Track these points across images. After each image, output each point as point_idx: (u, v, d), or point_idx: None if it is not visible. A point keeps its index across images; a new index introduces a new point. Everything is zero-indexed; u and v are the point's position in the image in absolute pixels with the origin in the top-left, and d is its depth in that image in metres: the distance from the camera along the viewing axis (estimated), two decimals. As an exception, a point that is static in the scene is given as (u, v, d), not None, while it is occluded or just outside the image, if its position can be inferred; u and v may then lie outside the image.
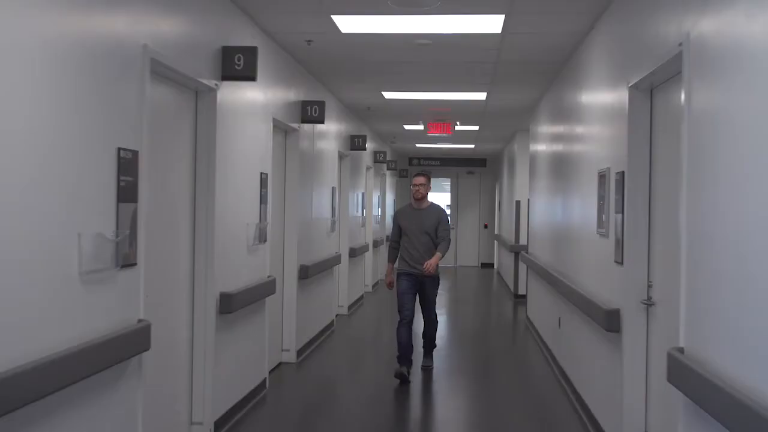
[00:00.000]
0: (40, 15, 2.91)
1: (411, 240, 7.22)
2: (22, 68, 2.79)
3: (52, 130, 3.01)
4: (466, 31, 6.09)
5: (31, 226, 2.87)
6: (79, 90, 3.22)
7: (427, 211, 7.31)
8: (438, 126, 11.97)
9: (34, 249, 2.89)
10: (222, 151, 5.11)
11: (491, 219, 20.57)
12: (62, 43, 3.07)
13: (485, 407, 6.44)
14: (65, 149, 3.11)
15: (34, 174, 2.88)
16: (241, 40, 5.47)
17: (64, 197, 3.11)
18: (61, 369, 2.95)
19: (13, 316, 2.75)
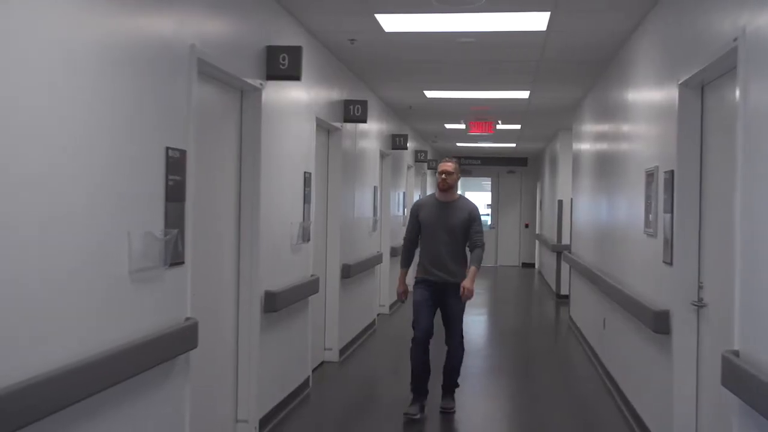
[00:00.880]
0: (94, 18, 2.94)
1: (432, 239, 5.81)
2: (79, 70, 2.83)
3: (106, 131, 3.04)
4: (510, 28, 6.03)
5: (85, 226, 2.90)
6: (131, 90, 3.25)
7: (455, 205, 5.88)
8: (479, 125, 11.90)
9: (87, 248, 2.93)
10: (267, 150, 5.13)
11: (532, 218, 20.41)
12: (114, 45, 3.10)
13: (527, 407, 6.37)
14: (117, 149, 3.14)
15: (88, 173, 2.91)
16: (285, 40, 5.49)
17: (115, 196, 3.15)
18: (111, 367, 2.99)
19: (66, 314, 2.79)
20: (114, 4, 3.11)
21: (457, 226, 5.79)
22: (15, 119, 2.48)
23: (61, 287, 2.76)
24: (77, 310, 2.86)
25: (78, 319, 2.87)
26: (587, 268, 8.21)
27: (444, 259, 5.76)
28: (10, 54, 2.45)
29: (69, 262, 2.80)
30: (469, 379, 7.40)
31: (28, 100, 2.54)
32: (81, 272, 2.89)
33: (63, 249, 2.76)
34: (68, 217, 2.79)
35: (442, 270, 5.77)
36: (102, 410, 3.05)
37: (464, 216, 5.84)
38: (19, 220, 2.50)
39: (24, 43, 2.52)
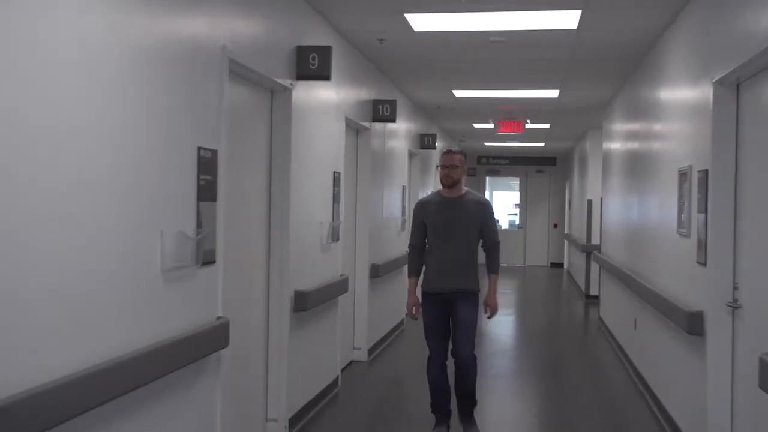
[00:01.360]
0: (128, 20, 2.97)
1: (439, 242, 5.08)
2: (114, 71, 2.85)
3: (139, 131, 3.07)
4: (540, 27, 5.99)
5: (119, 225, 2.93)
6: (164, 91, 3.27)
7: (463, 201, 5.12)
8: (508, 124, 11.84)
9: (122, 248, 2.95)
10: (296, 150, 5.14)
11: (561, 218, 20.27)
12: (148, 46, 3.13)
13: (556, 408, 6.33)
14: (151, 149, 3.17)
15: (122, 173, 2.94)
16: (314, 40, 5.50)
17: (148, 196, 3.17)
18: (144, 366, 3.01)
19: (101, 313, 2.81)
20: (148, 5, 3.13)
21: (467, 225, 5.06)
22: (53, 120, 2.50)
23: (97, 287, 2.78)
24: (112, 309, 2.89)
25: (112, 318, 2.89)
26: (618, 268, 8.13)
27: (453, 265, 5.04)
28: (49, 56, 2.47)
29: (104, 262, 2.83)
30: (498, 379, 7.37)
31: (65, 101, 2.57)
32: (116, 272, 2.91)
33: (99, 249, 2.79)
34: (103, 217, 2.82)
35: (451, 277, 5.03)
36: (135, 409, 3.07)
37: (475, 212, 5.09)
38: (55, 221, 2.53)
39: (62, 45, 2.55)
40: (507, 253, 20.25)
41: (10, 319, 2.31)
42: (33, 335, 2.42)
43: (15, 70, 2.32)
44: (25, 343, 2.39)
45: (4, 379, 2.27)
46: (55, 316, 2.54)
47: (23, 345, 2.38)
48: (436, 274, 5.07)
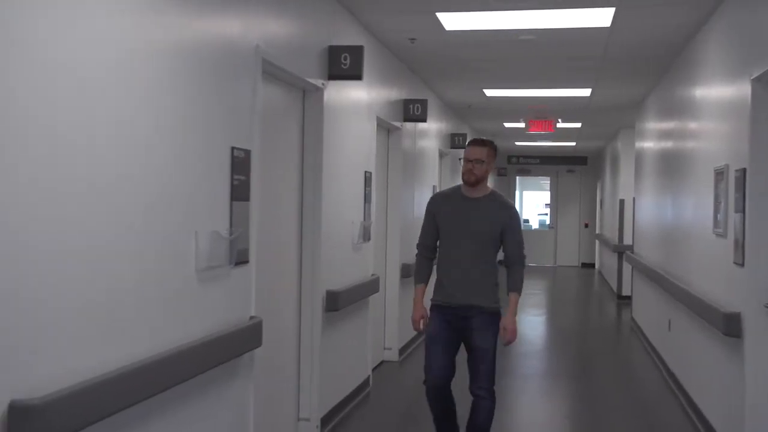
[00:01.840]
0: (164, 21, 2.99)
1: (452, 246, 4.34)
2: (150, 71, 2.87)
3: (175, 131, 3.09)
4: (573, 25, 5.94)
5: (156, 225, 2.95)
6: (198, 91, 3.29)
7: (485, 203, 4.36)
8: (539, 123, 11.77)
9: (158, 248, 2.97)
10: (328, 150, 5.15)
11: (592, 218, 20.10)
12: (184, 47, 3.15)
13: (588, 409, 6.26)
14: (186, 149, 3.19)
15: (158, 173, 2.96)
16: (346, 40, 5.50)
17: (184, 196, 3.19)
18: (179, 364, 3.03)
19: (138, 312, 2.84)
20: (184, 7, 3.15)
21: (486, 232, 4.30)
22: (89, 120, 2.52)
23: (133, 287, 2.80)
24: (148, 308, 2.91)
25: (148, 317, 2.91)
26: (651, 268, 8.04)
27: (468, 275, 4.28)
28: (86, 57, 2.50)
29: (141, 262, 2.85)
30: (528, 380, 7.33)
31: (101, 101, 2.59)
32: (152, 272, 2.94)
33: (135, 249, 2.81)
34: (140, 217, 2.84)
35: (465, 290, 4.27)
36: (169, 408, 3.09)
37: (497, 218, 4.32)
38: (92, 221, 2.55)
39: (98, 46, 2.57)
40: (537, 253, 20.16)
41: (47, 319, 2.34)
42: (70, 335, 2.45)
43: (53, 72, 2.35)
44: (62, 343, 2.41)
45: (40, 378, 2.29)
46: (92, 316, 2.56)
47: (60, 344, 2.40)
48: (446, 283, 4.31)
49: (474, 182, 4.33)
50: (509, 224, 4.33)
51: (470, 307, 4.27)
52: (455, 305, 4.29)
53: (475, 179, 4.33)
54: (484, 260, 4.32)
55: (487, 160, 4.35)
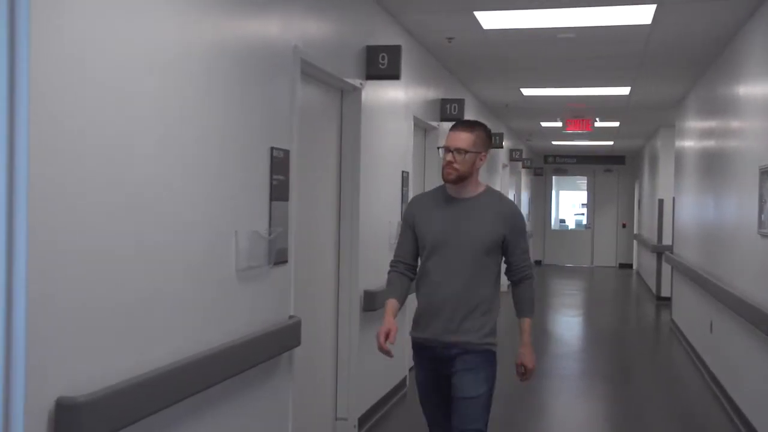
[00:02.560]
0: (204, 21, 3.01)
1: (435, 265, 3.31)
2: (190, 72, 2.89)
3: (215, 131, 3.10)
4: (613, 23, 5.87)
5: (197, 225, 2.97)
6: (238, 91, 3.31)
7: (476, 204, 3.34)
8: (577, 123, 11.66)
9: (200, 247, 2.99)
10: (366, 149, 5.14)
11: (630, 218, 19.87)
12: (224, 48, 3.16)
13: (626, 412, 6.17)
14: (226, 149, 3.20)
15: (200, 174, 2.98)
16: (383, 39, 5.49)
17: (225, 196, 3.20)
18: (219, 364, 3.04)
19: (179, 311, 2.86)
20: (223, 7, 3.17)
21: (480, 242, 3.25)
22: (132, 122, 2.55)
23: (176, 286, 2.82)
24: (189, 308, 2.93)
25: (189, 317, 2.93)
26: (692, 269, 7.92)
27: (452, 303, 3.25)
28: (130, 60, 2.52)
29: (183, 262, 2.87)
30: (565, 381, 7.26)
31: (144, 103, 2.61)
32: (194, 271, 2.96)
33: (177, 248, 2.83)
34: (181, 217, 2.86)
35: (448, 322, 3.26)
36: (209, 407, 3.11)
37: (495, 222, 3.29)
38: (134, 221, 2.57)
39: (141, 48, 2.59)
40: (574, 253, 20.00)
41: (93, 318, 2.36)
42: (114, 334, 2.47)
43: (97, 73, 2.37)
44: (107, 342, 2.44)
45: (86, 376, 2.32)
46: (135, 316, 2.58)
47: (104, 343, 2.42)
48: (426, 314, 3.31)
49: (455, 180, 3.28)
50: (512, 229, 3.30)
51: (453, 345, 3.24)
52: (436, 343, 3.28)
53: (457, 176, 3.27)
54: (477, 281, 3.26)
55: (475, 148, 3.28)
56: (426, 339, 3.33)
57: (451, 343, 3.27)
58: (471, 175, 3.32)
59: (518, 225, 3.36)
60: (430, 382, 3.40)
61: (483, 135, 3.36)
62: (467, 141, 3.30)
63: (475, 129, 3.35)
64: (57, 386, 2.19)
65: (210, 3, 3.06)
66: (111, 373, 2.42)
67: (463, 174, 3.29)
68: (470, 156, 3.29)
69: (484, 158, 3.35)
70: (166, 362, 2.71)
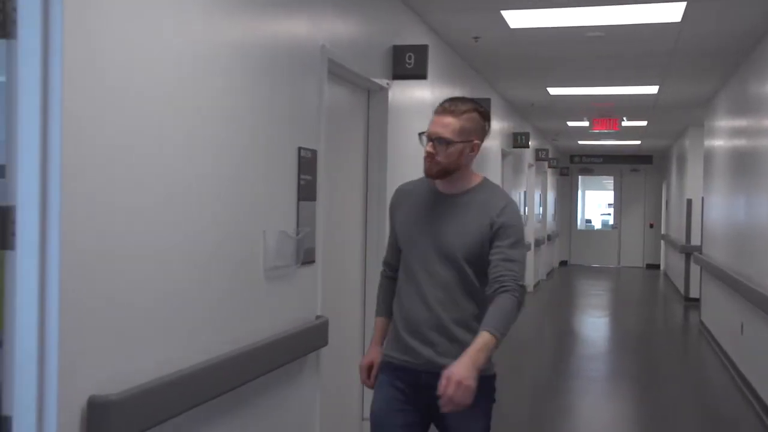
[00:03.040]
0: (233, 21, 3.01)
1: (415, 271, 2.76)
2: (219, 72, 2.90)
3: (244, 131, 3.11)
4: (642, 21, 5.81)
5: (226, 225, 2.97)
6: (267, 91, 3.31)
7: (467, 200, 2.76)
8: (604, 122, 11.57)
9: (229, 247, 3.00)
10: (392, 150, 5.13)
11: (657, 218, 19.68)
12: (252, 47, 3.17)
13: (653, 415, 6.10)
14: (255, 149, 3.21)
15: (229, 174, 2.99)
16: (409, 39, 5.48)
17: (253, 196, 3.21)
18: (249, 362, 3.05)
19: (209, 310, 2.86)
20: (252, 7, 3.18)
21: (467, 246, 2.67)
22: (160, 121, 2.56)
23: (204, 286, 2.83)
24: (218, 307, 2.93)
25: (217, 316, 2.94)
26: (722, 269, 7.82)
27: (438, 318, 2.68)
28: (157, 60, 2.53)
29: (212, 261, 2.87)
30: (592, 383, 7.20)
31: (173, 105, 2.62)
32: (222, 271, 2.96)
33: (206, 248, 2.84)
34: (210, 216, 2.86)
35: (431, 342, 2.69)
36: (237, 406, 3.11)
37: (480, 224, 2.67)
38: (162, 221, 2.58)
39: (168, 48, 2.60)
40: (600, 253, 19.85)
41: (123, 317, 2.37)
42: (145, 333, 2.48)
43: (130, 75, 2.38)
44: (138, 341, 2.45)
45: (118, 375, 2.33)
46: (165, 315, 2.60)
47: (136, 342, 2.44)
48: (402, 328, 2.74)
49: (437, 175, 2.68)
50: (497, 227, 2.63)
51: (436, 367, 2.58)
52: (414, 366, 2.69)
53: (439, 171, 2.66)
54: (464, 292, 2.67)
55: (462, 136, 2.63)
56: (406, 362, 2.70)
57: (433, 364, 2.62)
58: (459, 168, 2.68)
59: (505, 224, 2.64)
60: (392, 413, 2.73)
61: (475, 119, 2.67)
62: (452, 128, 2.62)
63: (463, 112, 2.64)
64: (89, 385, 2.21)
65: (238, 3, 3.07)
66: (142, 372, 2.43)
67: (448, 168, 2.66)
68: (456, 147, 2.63)
69: (477, 148, 2.70)
70: (195, 361, 2.72)
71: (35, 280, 2.08)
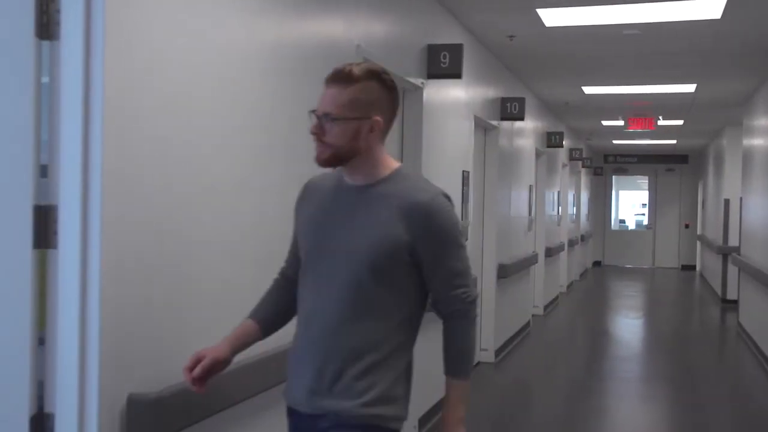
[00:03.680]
0: (271, 21, 3.02)
1: (310, 283, 2.11)
2: (256, 72, 2.91)
3: (282, 131, 3.11)
4: (681, 18, 5.72)
5: (268, 218, 2.99)
6: (305, 90, 3.31)
7: (375, 195, 2.08)
8: (639, 121, 11.43)
9: (270, 240, 3.00)
10: (427, 149, 5.11)
11: (693, 218, 19.41)
12: (291, 48, 3.18)
13: (691, 419, 6.01)
14: (295, 150, 3.21)
15: (269, 169, 3.00)
16: (444, 38, 5.46)
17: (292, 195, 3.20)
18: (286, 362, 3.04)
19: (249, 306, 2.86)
20: (288, 7, 3.18)
21: (363, 255, 2.05)
22: (206, 118, 2.57)
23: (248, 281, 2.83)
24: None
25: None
26: (761, 271, 7.68)
27: (323, 348, 2.08)
28: (201, 56, 2.54)
29: (255, 256, 2.88)
30: (626, 384, 7.13)
31: (216, 100, 2.63)
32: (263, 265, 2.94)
33: (250, 243, 2.85)
34: (255, 210, 2.88)
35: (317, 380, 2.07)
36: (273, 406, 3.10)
37: (389, 225, 2.05)
38: (214, 216, 2.59)
39: (212, 46, 2.61)
40: (634, 254, 19.63)
41: (164, 317, 2.38)
42: (185, 331, 2.49)
43: (174, 73, 2.40)
44: (178, 339, 2.46)
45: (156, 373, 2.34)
46: (205, 313, 2.61)
47: (176, 341, 2.45)
48: (291, 365, 2.18)
49: (327, 162, 2.08)
50: (424, 235, 2.03)
51: (323, 415, 2.04)
52: (301, 410, 2.09)
53: (329, 155, 2.06)
54: (365, 315, 2.03)
55: (354, 111, 2.03)
56: (289, 404, 2.13)
57: (318, 411, 2.03)
58: (358, 152, 2.05)
59: (437, 230, 2.02)
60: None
61: (373, 88, 2.03)
62: (339, 101, 2.02)
63: (355, 80, 2.01)
64: (129, 383, 2.22)
65: (275, 3, 3.07)
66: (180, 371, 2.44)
67: (339, 153, 2.04)
68: (348, 125, 2.02)
69: (379, 126, 2.03)
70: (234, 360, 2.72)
71: (77, 278, 2.10)
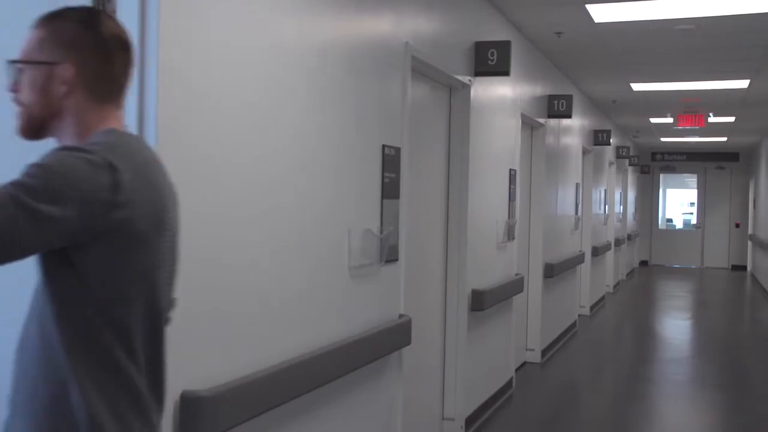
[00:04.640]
0: (321, 21, 3.01)
1: None
2: (305, 70, 2.90)
3: (331, 129, 3.11)
4: (736, 12, 5.58)
5: (316, 223, 2.99)
6: (353, 89, 3.31)
7: None
8: (689, 118, 11.20)
9: (317, 244, 3.01)
10: (474, 147, 5.07)
11: (744, 217, 18.99)
12: (340, 46, 3.17)
13: (743, 424, 5.86)
14: (342, 148, 3.21)
15: (318, 171, 2.99)
16: (490, 35, 5.41)
17: (339, 195, 3.21)
18: (335, 360, 3.05)
19: (297, 308, 2.87)
20: (342, 6, 3.17)
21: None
22: (257, 122, 2.57)
23: (297, 285, 2.85)
24: (306, 305, 2.94)
25: (306, 314, 2.95)
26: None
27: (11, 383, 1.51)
28: (252, 57, 2.55)
29: (301, 260, 2.89)
30: (675, 387, 7.00)
31: (266, 102, 2.64)
32: (312, 269, 2.97)
33: (299, 247, 2.85)
34: (299, 215, 2.87)
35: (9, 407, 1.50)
36: (321, 404, 3.11)
37: None
38: (266, 222, 2.60)
39: (262, 47, 2.61)
40: (682, 253, 19.27)
41: (216, 314, 2.39)
42: (236, 331, 2.50)
43: (225, 77, 2.40)
44: (230, 338, 2.47)
45: (209, 371, 2.35)
46: (256, 313, 2.61)
47: (227, 340, 2.46)
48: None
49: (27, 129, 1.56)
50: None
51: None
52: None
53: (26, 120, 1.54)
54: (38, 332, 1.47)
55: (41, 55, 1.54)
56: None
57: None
58: (57, 114, 1.54)
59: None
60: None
61: (65, 28, 1.55)
62: (27, 45, 1.56)
63: (48, 20, 1.56)
64: (182, 380, 2.23)
65: (325, 2, 3.06)
66: (232, 368, 2.45)
67: (34, 114, 1.54)
68: (32, 74, 1.54)
69: (70, 72, 1.52)
70: (281, 360, 2.73)
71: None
